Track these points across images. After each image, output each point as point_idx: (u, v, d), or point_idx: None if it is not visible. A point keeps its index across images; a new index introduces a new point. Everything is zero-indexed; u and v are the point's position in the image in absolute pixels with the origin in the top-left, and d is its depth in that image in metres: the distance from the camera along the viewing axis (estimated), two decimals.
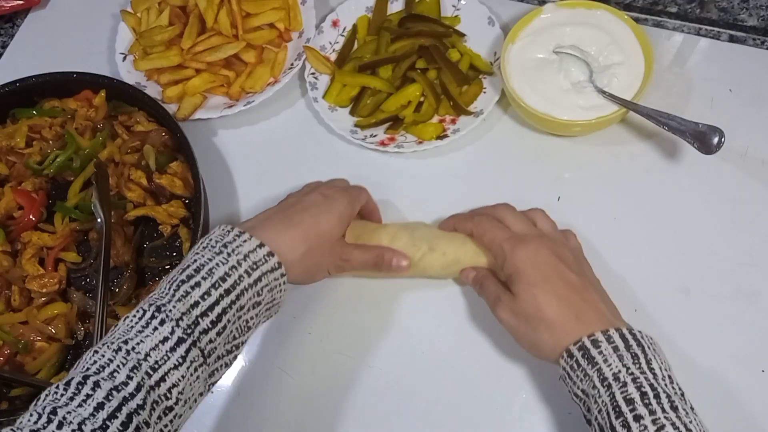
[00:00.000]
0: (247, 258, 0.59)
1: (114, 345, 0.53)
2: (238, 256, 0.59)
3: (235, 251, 0.59)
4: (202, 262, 0.58)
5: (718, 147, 0.72)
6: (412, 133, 0.84)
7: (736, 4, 0.89)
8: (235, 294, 0.58)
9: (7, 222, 0.81)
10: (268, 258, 0.60)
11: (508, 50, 0.82)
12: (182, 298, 0.56)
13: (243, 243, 0.60)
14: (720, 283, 0.73)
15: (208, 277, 0.57)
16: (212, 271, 0.58)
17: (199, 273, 0.58)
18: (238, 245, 0.60)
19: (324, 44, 0.92)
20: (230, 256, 0.59)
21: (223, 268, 0.58)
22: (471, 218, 0.70)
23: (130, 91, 0.86)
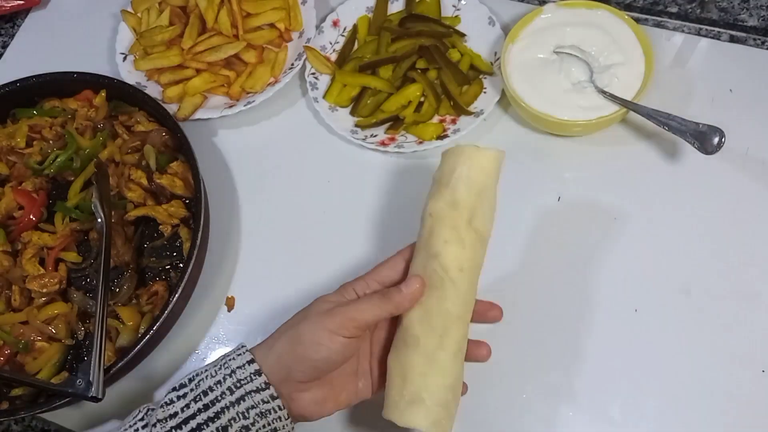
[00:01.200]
0: (234, 374, 0.55)
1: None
2: (226, 370, 0.55)
3: (225, 365, 0.56)
4: (199, 370, 0.56)
5: (718, 147, 0.72)
6: (413, 133, 0.84)
7: (737, 5, 0.89)
8: (213, 411, 0.54)
9: (8, 222, 0.81)
10: (254, 377, 0.55)
11: (509, 50, 0.82)
12: (165, 405, 0.55)
13: (236, 357, 0.56)
14: (720, 283, 0.73)
15: (195, 388, 0.55)
16: (199, 382, 0.55)
17: (191, 382, 0.56)
18: (231, 359, 0.56)
19: (324, 44, 0.92)
20: (219, 370, 0.55)
21: (209, 381, 0.55)
22: None
23: (131, 91, 0.86)
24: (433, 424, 0.56)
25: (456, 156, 0.60)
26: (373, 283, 0.61)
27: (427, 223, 0.60)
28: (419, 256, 0.60)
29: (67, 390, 0.66)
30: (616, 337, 0.71)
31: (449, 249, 0.58)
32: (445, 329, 0.57)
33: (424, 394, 0.56)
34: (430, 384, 0.56)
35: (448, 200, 0.59)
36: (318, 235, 0.82)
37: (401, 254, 0.62)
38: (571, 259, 0.76)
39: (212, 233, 0.82)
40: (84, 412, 0.75)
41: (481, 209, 0.59)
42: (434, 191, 0.61)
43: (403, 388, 0.57)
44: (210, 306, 0.79)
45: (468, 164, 0.59)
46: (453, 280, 0.57)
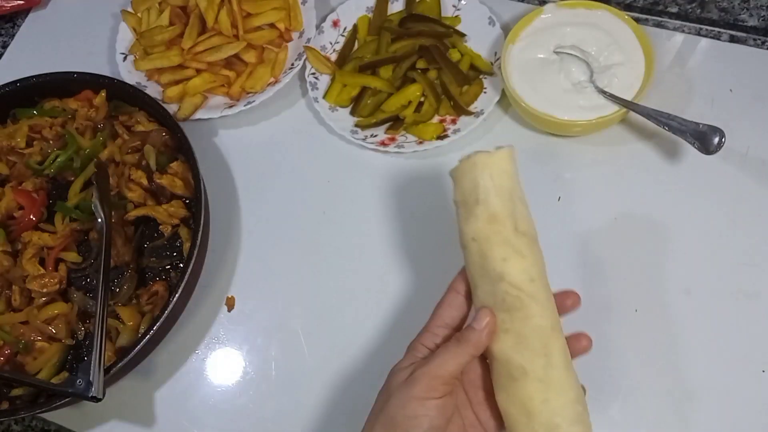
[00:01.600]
0: None
1: None
2: None
3: None
4: None
5: (718, 147, 0.72)
6: (413, 133, 0.84)
7: (737, 5, 0.89)
8: None
9: (8, 222, 0.81)
10: None
11: (509, 50, 0.82)
12: None
13: None
14: (720, 283, 0.73)
15: None
16: None
17: None
18: None
19: (324, 44, 0.92)
20: None
21: None
22: None
23: (131, 91, 0.86)
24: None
25: (472, 170, 0.56)
26: (439, 330, 0.57)
27: (472, 248, 0.56)
28: (480, 287, 0.56)
29: (67, 390, 0.66)
30: (616, 337, 0.71)
31: (511, 265, 0.54)
32: (545, 347, 0.54)
33: (557, 419, 0.53)
34: (557, 407, 0.53)
35: (485, 217, 0.55)
36: (318, 235, 0.82)
37: (454, 289, 0.58)
38: (571, 259, 0.76)
39: (212, 233, 0.82)
40: (84, 412, 0.75)
41: (519, 212, 0.56)
42: (464, 214, 0.57)
43: (531, 424, 0.53)
44: (210, 306, 0.79)
45: (488, 173, 0.56)
46: (530, 294, 0.54)
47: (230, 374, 0.76)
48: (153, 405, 0.75)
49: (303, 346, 0.76)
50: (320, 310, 0.77)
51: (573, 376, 0.55)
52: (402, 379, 0.54)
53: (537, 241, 0.57)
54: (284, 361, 0.76)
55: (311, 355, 0.75)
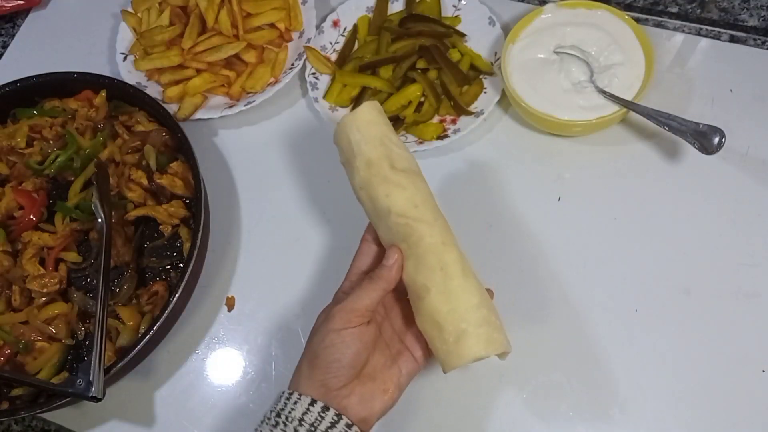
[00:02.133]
0: (303, 422, 0.54)
1: None
2: (293, 422, 0.54)
3: (288, 418, 0.54)
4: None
5: (718, 147, 0.72)
6: (413, 133, 0.84)
7: (737, 5, 0.89)
8: None
9: (8, 222, 0.81)
10: (324, 413, 0.54)
11: (509, 50, 0.82)
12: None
13: (294, 406, 0.55)
14: (721, 284, 0.73)
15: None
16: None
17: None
18: (290, 410, 0.55)
19: (324, 44, 0.92)
20: (286, 426, 0.54)
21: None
22: None
23: (131, 91, 0.86)
24: (488, 344, 0.56)
25: (343, 130, 0.62)
26: (355, 277, 0.63)
27: (363, 197, 0.62)
28: (380, 229, 0.61)
29: (67, 390, 0.66)
30: (616, 337, 0.71)
31: (394, 198, 0.59)
32: (440, 261, 0.58)
33: (463, 324, 0.56)
34: (462, 313, 0.57)
35: (363, 165, 0.61)
36: (318, 236, 0.82)
37: (364, 239, 0.64)
38: (571, 259, 0.76)
39: (212, 233, 0.82)
40: (84, 412, 0.75)
41: (394, 153, 0.61)
42: (350, 171, 0.63)
43: (443, 335, 0.57)
44: (210, 306, 0.80)
45: (356, 127, 0.61)
46: (416, 218, 0.59)
47: (230, 374, 0.76)
48: (153, 405, 0.75)
49: (303, 346, 0.76)
50: (320, 310, 0.77)
51: (474, 284, 0.59)
52: (322, 318, 0.59)
53: (419, 174, 0.62)
54: (284, 360, 0.76)
55: None
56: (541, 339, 0.72)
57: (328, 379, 0.56)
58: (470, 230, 0.79)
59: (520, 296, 0.74)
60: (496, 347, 0.57)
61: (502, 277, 0.75)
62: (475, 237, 0.78)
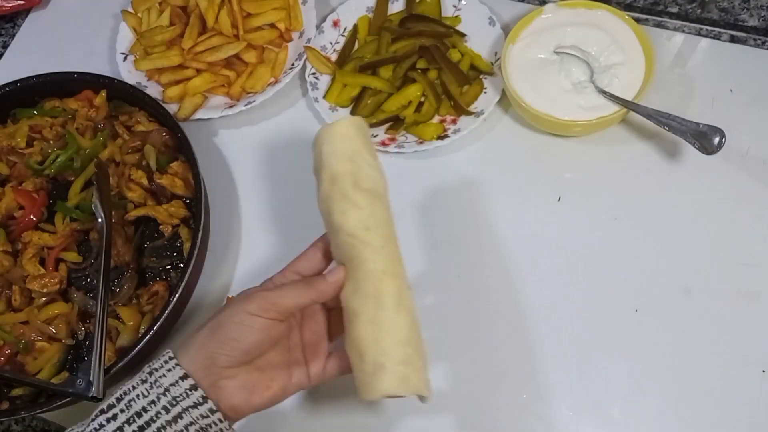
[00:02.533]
0: (168, 392, 0.53)
1: None
2: (159, 389, 0.54)
3: (156, 382, 0.54)
4: (126, 389, 0.55)
5: (718, 147, 0.72)
6: (413, 133, 0.84)
7: (737, 5, 0.89)
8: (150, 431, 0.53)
9: (8, 222, 0.81)
10: (190, 392, 0.53)
11: (509, 50, 0.82)
12: (95, 431, 0.53)
13: (166, 373, 0.54)
14: (721, 283, 0.73)
15: (125, 410, 0.53)
16: (130, 403, 0.53)
17: (119, 403, 0.54)
18: (161, 375, 0.54)
19: (325, 44, 0.92)
20: (152, 388, 0.54)
21: (142, 402, 0.53)
22: None
23: (131, 91, 0.86)
24: (401, 382, 0.54)
25: (317, 141, 0.61)
26: (290, 275, 0.61)
27: (323, 209, 0.61)
28: (332, 243, 0.60)
29: (67, 390, 0.66)
30: (617, 337, 0.71)
31: (347, 216, 0.58)
32: (376, 289, 0.56)
33: (382, 358, 0.54)
34: (384, 347, 0.55)
35: (327, 179, 0.60)
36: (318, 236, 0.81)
37: (315, 245, 0.63)
38: (571, 259, 0.76)
39: (212, 233, 0.82)
40: (85, 412, 0.75)
41: (363, 171, 0.59)
42: (317, 182, 0.62)
43: (362, 364, 0.55)
44: (210, 306, 0.79)
45: (328, 140, 0.60)
46: (363, 240, 0.57)
47: None
48: None
49: None
50: None
51: (405, 320, 0.56)
52: (242, 297, 0.58)
53: (382, 198, 0.60)
54: None
55: None
56: (541, 338, 0.72)
57: (219, 355, 0.55)
58: (470, 230, 0.79)
59: (519, 296, 0.74)
60: (410, 388, 0.54)
61: (500, 276, 0.75)
62: (475, 237, 0.78)
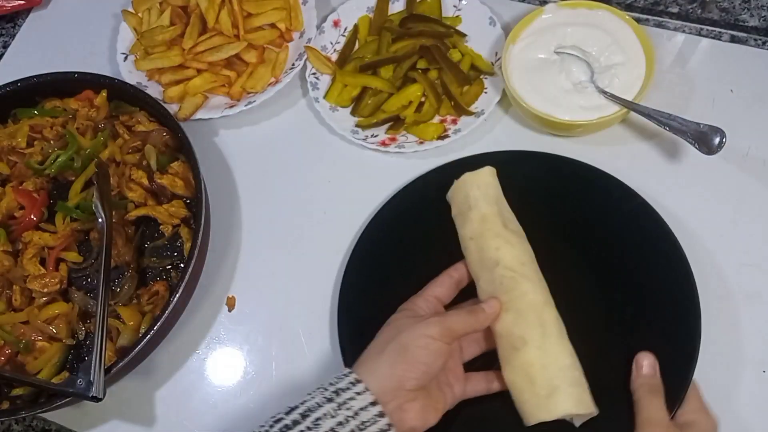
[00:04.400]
0: (358, 416, 0.55)
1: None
2: (348, 411, 0.55)
3: (344, 405, 0.55)
4: (311, 405, 0.56)
5: (719, 147, 0.72)
6: (413, 133, 0.84)
7: (738, 5, 0.89)
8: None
9: (9, 222, 0.81)
10: (378, 419, 0.55)
11: (510, 50, 0.82)
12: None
13: (356, 396, 0.56)
14: (721, 284, 0.73)
15: (314, 428, 0.54)
16: (318, 422, 0.54)
17: (305, 420, 0.55)
18: (350, 398, 0.56)
19: (325, 44, 0.92)
20: (340, 409, 0.55)
21: (330, 422, 0.54)
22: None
23: (132, 91, 0.86)
24: (578, 403, 0.60)
25: (463, 186, 0.70)
26: (431, 299, 0.66)
27: (471, 246, 0.67)
28: (482, 278, 0.66)
29: (67, 390, 0.66)
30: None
31: (503, 252, 0.65)
32: (540, 319, 0.62)
33: (556, 381, 0.60)
34: (555, 371, 0.60)
35: (477, 219, 0.67)
36: (319, 236, 0.82)
37: (448, 273, 0.68)
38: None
39: (213, 233, 0.82)
40: (85, 412, 0.76)
41: (505, 213, 0.68)
42: (461, 221, 0.69)
43: (534, 388, 0.60)
44: (211, 306, 0.80)
45: (476, 185, 0.69)
46: (522, 274, 0.64)
47: (231, 374, 0.76)
48: (153, 405, 0.75)
49: (303, 345, 0.76)
50: (320, 310, 0.77)
51: (567, 346, 0.63)
52: (414, 321, 0.61)
53: (524, 238, 0.68)
54: (285, 360, 0.76)
55: (312, 355, 0.75)
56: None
57: (408, 379, 0.58)
58: None
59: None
60: (585, 407, 0.60)
61: None
62: None
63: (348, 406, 0.55)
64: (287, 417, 0.56)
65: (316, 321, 0.77)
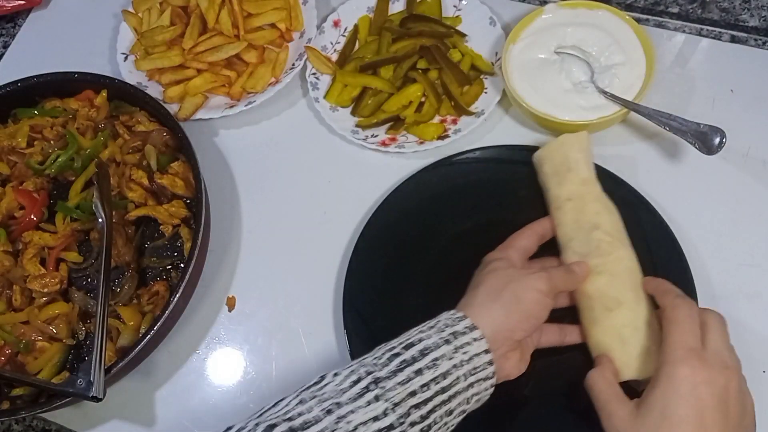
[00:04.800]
0: (471, 361, 0.56)
1: (325, 404, 0.52)
2: (464, 355, 0.56)
3: (461, 348, 0.56)
4: (428, 344, 0.55)
5: (719, 147, 0.72)
6: (414, 133, 0.84)
7: (738, 5, 0.89)
8: (448, 394, 0.54)
9: (9, 222, 0.81)
10: (487, 367, 0.57)
11: (510, 50, 0.82)
12: (403, 383, 0.53)
13: (472, 342, 0.56)
14: (721, 284, 0.73)
15: (432, 367, 0.54)
16: (436, 362, 0.55)
17: (424, 358, 0.55)
18: (467, 342, 0.56)
19: (325, 44, 0.92)
20: (456, 352, 0.55)
21: (447, 363, 0.55)
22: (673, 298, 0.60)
23: (132, 91, 0.86)
24: None
25: (561, 147, 0.70)
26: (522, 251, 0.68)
27: (567, 207, 0.68)
28: (575, 239, 0.67)
29: (67, 390, 0.66)
30: None
31: (604, 217, 0.67)
32: (634, 284, 0.64)
33: (648, 343, 0.62)
34: (648, 333, 0.62)
35: (578, 180, 0.69)
36: (319, 236, 0.82)
37: (532, 228, 0.70)
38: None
39: (213, 233, 0.82)
40: (85, 412, 0.76)
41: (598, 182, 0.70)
42: (557, 181, 0.70)
43: (626, 348, 0.62)
44: (211, 306, 0.80)
45: (576, 147, 0.70)
46: (621, 240, 0.66)
47: (231, 374, 0.76)
48: (154, 405, 0.75)
49: (303, 345, 0.76)
50: (320, 309, 0.77)
51: (656, 314, 0.63)
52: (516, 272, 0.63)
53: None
54: (285, 360, 0.76)
55: (312, 355, 0.75)
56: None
57: (519, 330, 0.60)
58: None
59: None
60: None
61: None
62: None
63: (465, 350, 0.56)
64: (405, 352, 0.55)
65: (316, 321, 0.77)
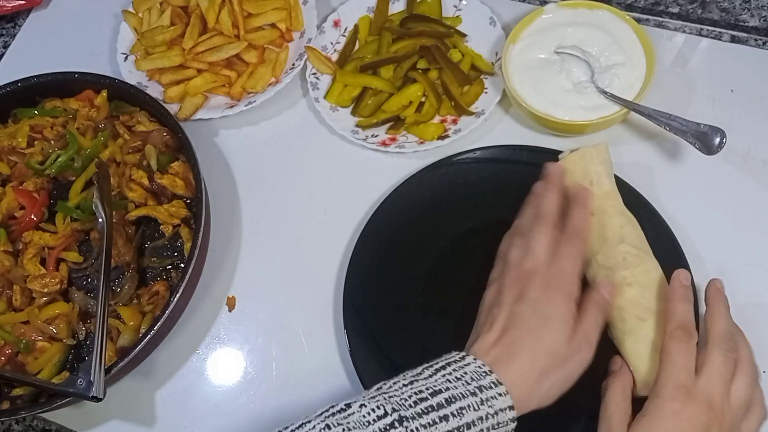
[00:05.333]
0: (496, 416, 0.56)
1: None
2: (489, 409, 0.56)
3: (487, 402, 0.56)
4: (455, 394, 0.55)
5: (719, 147, 0.72)
6: (414, 133, 0.84)
7: (738, 5, 0.89)
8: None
9: (9, 222, 0.81)
10: (509, 423, 0.57)
11: (510, 50, 0.83)
12: (428, 426, 0.54)
13: (498, 396, 0.56)
14: None
15: (457, 416, 0.55)
16: (462, 411, 0.55)
17: (450, 406, 0.55)
18: (493, 396, 0.56)
19: (325, 44, 0.92)
20: (482, 405, 0.56)
21: (472, 415, 0.55)
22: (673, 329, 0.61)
23: (132, 91, 0.86)
24: None
25: (581, 160, 0.69)
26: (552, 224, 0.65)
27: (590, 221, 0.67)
28: (600, 253, 0.66)
29: (68, 390, 0.66)
30: None
31: (628, 230, 0.67)
32: (663, 294, 0.64)
33: None
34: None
35: (601, 194, 0.68)
36: (319, 236, 0.82)
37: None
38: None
39: (213, 233, 0.82)
40: (85, 412, 0.76)
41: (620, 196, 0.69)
42: None
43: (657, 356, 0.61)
44: (211, 306, 0.80)
45: (597, 160, 0.68)
46: (647, 252, 0.66)
47: (231, 374, 0.76)
48: (154, 405, 0.75)
49: (304, 345, 0.76)
50: (320, 309, 0.77)
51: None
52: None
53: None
54: (285, 360, 0.76)
55: (312, 355, 0.75)
56: None
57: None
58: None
59: None
60: None
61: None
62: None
63: (491, 404, 0.56)
64: (431, 398, 0.55)
65: (316, 321, 0.77)
